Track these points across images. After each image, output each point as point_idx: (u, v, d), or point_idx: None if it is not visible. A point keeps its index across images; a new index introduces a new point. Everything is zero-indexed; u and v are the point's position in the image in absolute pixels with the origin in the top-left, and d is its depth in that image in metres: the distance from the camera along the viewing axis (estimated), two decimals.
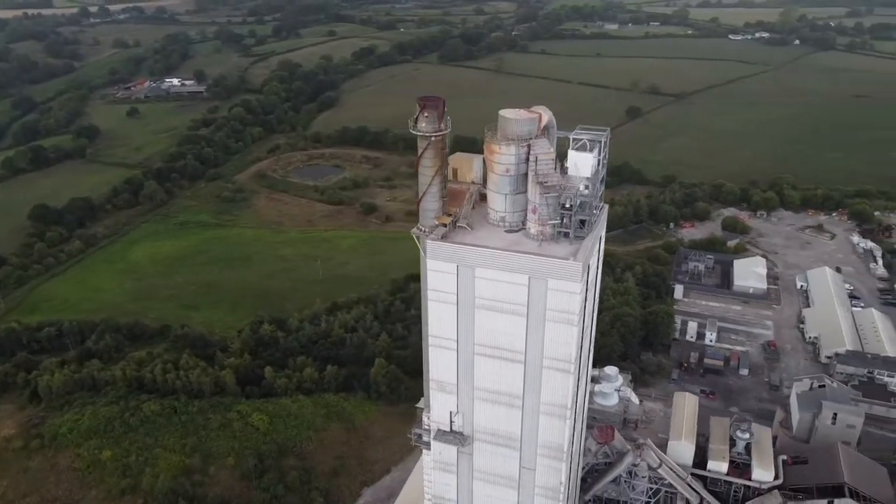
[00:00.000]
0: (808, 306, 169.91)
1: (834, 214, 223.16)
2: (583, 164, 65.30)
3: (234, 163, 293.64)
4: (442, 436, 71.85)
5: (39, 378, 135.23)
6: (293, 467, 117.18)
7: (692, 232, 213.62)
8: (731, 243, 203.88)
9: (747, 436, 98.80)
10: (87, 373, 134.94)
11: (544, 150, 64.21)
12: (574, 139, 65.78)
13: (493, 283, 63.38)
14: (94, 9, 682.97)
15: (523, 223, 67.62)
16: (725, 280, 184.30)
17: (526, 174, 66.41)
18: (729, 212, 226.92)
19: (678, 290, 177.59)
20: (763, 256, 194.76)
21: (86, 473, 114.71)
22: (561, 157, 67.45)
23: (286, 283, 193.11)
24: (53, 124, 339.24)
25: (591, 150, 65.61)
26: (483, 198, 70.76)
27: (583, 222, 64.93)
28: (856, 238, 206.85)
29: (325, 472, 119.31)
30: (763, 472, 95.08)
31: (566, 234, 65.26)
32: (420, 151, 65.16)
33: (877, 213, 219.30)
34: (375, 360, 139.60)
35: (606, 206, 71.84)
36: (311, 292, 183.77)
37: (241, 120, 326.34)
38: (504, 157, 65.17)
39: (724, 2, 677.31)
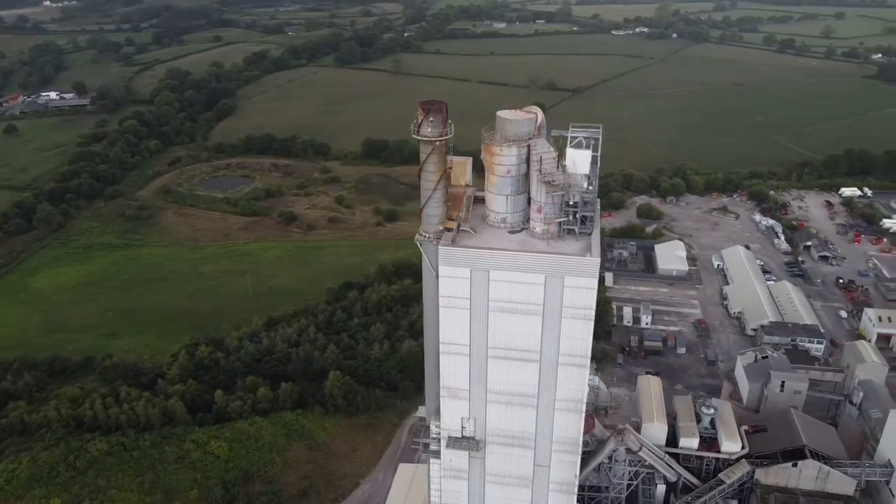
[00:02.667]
0: (728, 283, 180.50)
1: (735, 196, 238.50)
2: (581, 161, 66.26)
3: (133, 179, 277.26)
4: (454, 443, 71.04)
5: None
6: (261, 492, 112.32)
7: (611, 221, 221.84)
8: (649, 229, 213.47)
9: (712, 411, 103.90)
10: (15, 416, 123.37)
11: (546, 150, 64.77)
12: (571, 137, 66.67)
13: (508, 285, 63.28)
14: None
15: (523, 223, 67.98)
16: (649, 265, 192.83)
17: (525, 175, 66.83)
18: (641, 199, 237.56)
19: (608, 278, 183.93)
20: (680, 240, 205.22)
21: None
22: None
23: (213, 301, 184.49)
24: None
25: (587, 147, 66.70)
26: (479, 200, 70.48)
27: (586, 218, 66.03)
28: (757, 217, 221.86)
29: (294, 493, 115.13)
30: (731, 444, 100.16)
31: (570, 231, 66.16)
32: (424, 157, 63.96)
33: (772, 193, 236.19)
34: (330, 373, 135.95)
35: (599, 202, 73.25)
36: (243, 309, 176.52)
37: (136, 133, 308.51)
38: (505, 158, 65.21)
39: None
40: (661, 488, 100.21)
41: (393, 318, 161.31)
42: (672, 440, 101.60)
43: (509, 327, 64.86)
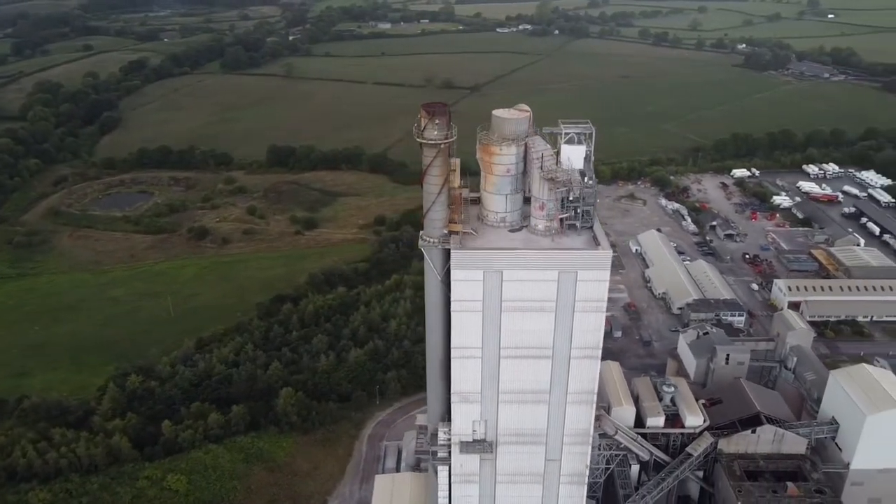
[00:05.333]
0: (648, 267, 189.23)
1: (639, 183, 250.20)
2: (575, 156, 67.50)
3: (14, 202, 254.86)
4: (466, 447, 70.40)
5: None
6: None
7: None
8: None
9: (672, 389, 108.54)
10: None
11: (545, 147, 65.32)
12: (564, 134, 67.59)
13: (522, 284, 63.39)
14: None
15: (522, 222, 68.25)
16: None
17: (522, 173, 67.13)
18: None
19: None
20: None
21: None
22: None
23: (131, 327, 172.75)
24: None
25: (580, 143, 67.87)
26: (475, 201, 70.12)
27: (587, 212, 67.14)
28: (663, 201, 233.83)
29: None
30: (693, 418, 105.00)
31: (572, 226, 67.09)
32: (428, 160, 62.71)
33: (672, 178, 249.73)
34: (281, 391, 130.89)
35: (597, 195, 74.46)
36: (167, 332, 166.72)
37: (11, 152, 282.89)
38: (505, 157, 65.29)
39: None
40: (635, 468, 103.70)
41: (333, 328, 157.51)
42: (637, 421, 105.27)
43: (522, 326, 65.00)
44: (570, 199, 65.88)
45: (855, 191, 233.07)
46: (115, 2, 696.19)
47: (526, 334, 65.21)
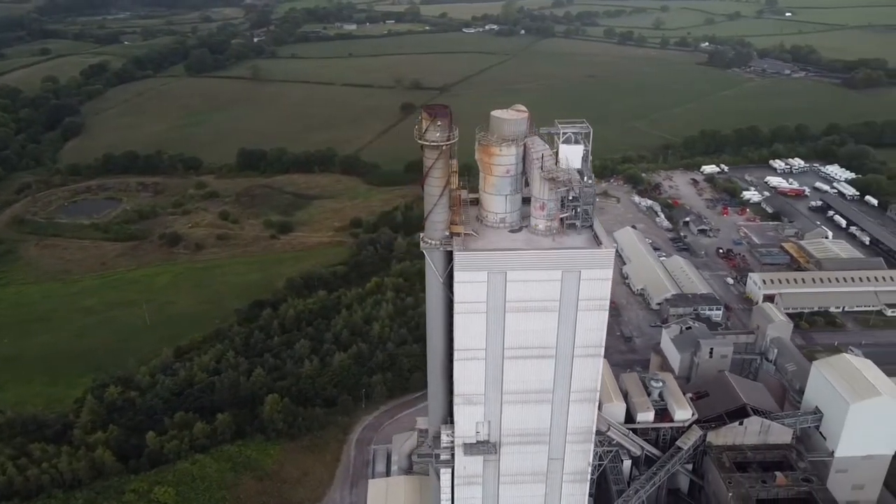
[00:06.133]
0: (625, 263, 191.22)
1: (612, 181, 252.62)
2: (573, 156, 67.72)
3: None
4: (469, 449, 70.22)
5: None
6: None
7: None
8: None
9: (660, 384, 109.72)
10: None
11: (544, 147, 65.48)
12: (561, 133, 67.82)
13: (525, 284, 63.43)
14: None
15: (521, 222, 68.32)
16: None
17: (521, 173, 67.21)
18: None
19: None
20: None
21: None
22: None
23: (107, 337, 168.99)
24: None
25: (577, 143, 68.18)
26: (473, 202, 70.00)
27: (587, 211, 67.47)
28: (636, 198, 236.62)
29: None
30: (682, 412, 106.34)
31: (572, 226, 67.37)
32: (430, 162, 62.32)
33: (644, 175, 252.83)
34: (267, 397, 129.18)
35: (596, 194, 74.74)
36: (144, 341, 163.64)
37: None
38: (505, 158, 65.22)
39: None
40: (626, 464, 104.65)
41: (315, 332, 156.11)
42: (627, 416, 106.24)
43: (526, 326, 65.06)
44: (570, 198, 66.11)
45: (826, 187, 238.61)
46: (71, 4, 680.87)
47: (530, 334, 65.29)
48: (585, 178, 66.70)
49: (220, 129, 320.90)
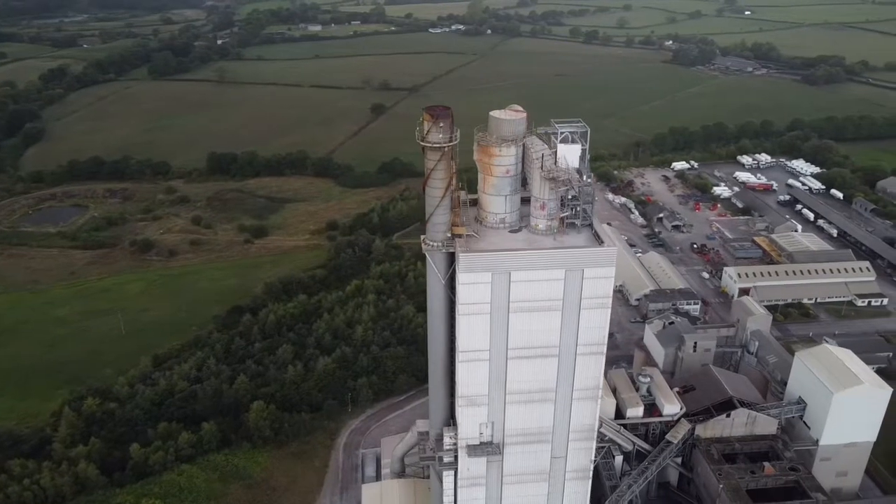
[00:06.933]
0: None
1: None
2: (571, 155, 68.02)
3: None
4: (473, 450, 70.06)
5: None
6: None
7: None
8: None
9: (648, 379, 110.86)
10: None
11: (543, 147, 65.60)
12: (559, 133, 68.02)
13: (529, 284, 63.46)
14: None
15: (520, 222, 68.35)
16: None
17: (520, 173, 67.23)
18: None
19: None
20: None
21: None
22: None
23: (81, 347, 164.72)
24: None
25: (574, 142, 68.45)
26: (472, 203, 69.80)
27: (586, 210, 67.80)
28: (609, 196, 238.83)
29: None
30: (671, 407, 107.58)
31: (571, 225, 67.62)
32: (432, 164, 62.00)
33: (616, 173, 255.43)
34: (253, 404, 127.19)
35: (595, 193, 75.01)
36: (121, 351, 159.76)
37: None
38: (505, 158, 65.25)
39: None
40: (618, 459, 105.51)
41: (297, 336, 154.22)
42: (617, 412, 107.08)
43: (529, 326, 65.10)
44: (570, 197, 66.34)
45: (798, 183, 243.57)
46: (26, 7, 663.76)
47: (533, 334, 65.33)
48: (584, 177, 66.93)
49: (188, 132, 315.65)
